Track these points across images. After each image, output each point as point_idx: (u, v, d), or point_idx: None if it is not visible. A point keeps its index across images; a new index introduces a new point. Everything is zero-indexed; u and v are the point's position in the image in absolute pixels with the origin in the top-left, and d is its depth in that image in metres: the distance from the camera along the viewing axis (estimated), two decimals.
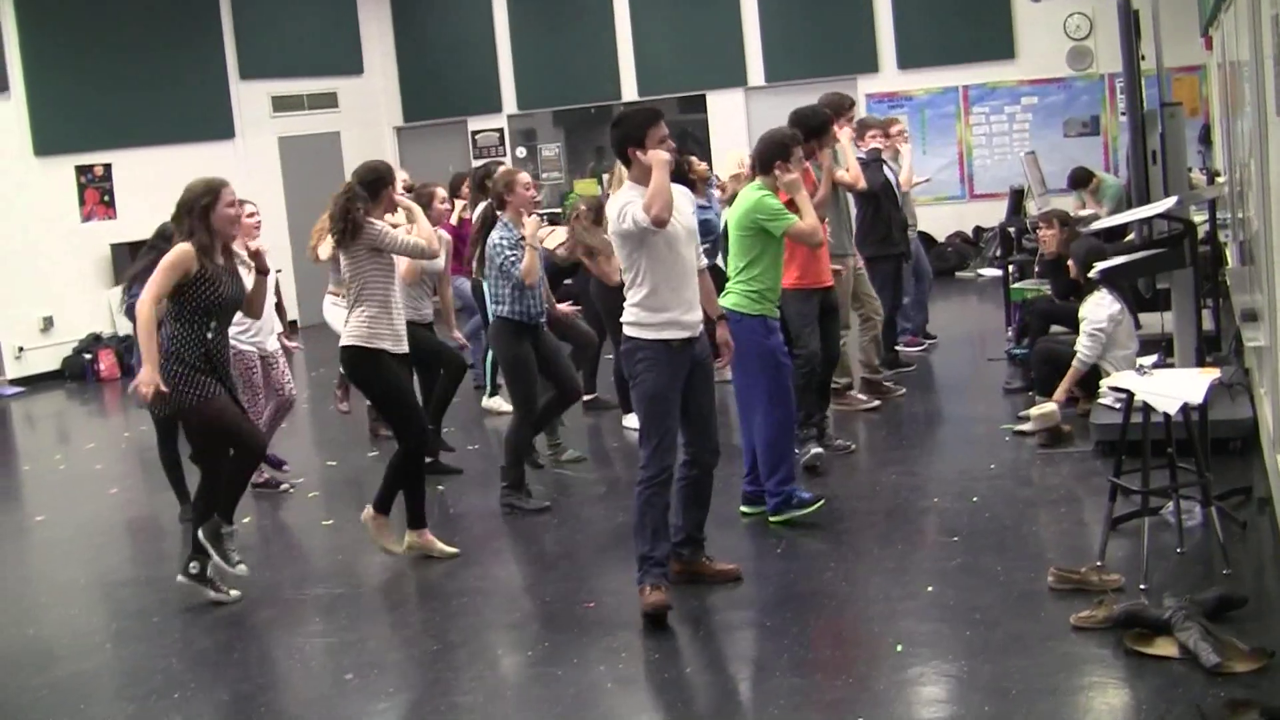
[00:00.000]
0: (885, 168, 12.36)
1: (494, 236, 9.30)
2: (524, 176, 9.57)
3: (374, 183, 8.44)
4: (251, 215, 10.11)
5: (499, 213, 9.41)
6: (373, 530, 8.57)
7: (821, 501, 8.46)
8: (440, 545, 8.60)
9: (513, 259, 9.10)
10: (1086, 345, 9.87)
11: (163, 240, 9.05)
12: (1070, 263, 10.46)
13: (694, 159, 11.52)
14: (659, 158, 6.91)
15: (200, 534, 8.04)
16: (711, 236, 10.73)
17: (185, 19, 19.50)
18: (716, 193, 12.10)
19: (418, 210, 9.06)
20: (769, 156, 8.46)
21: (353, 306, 8.39)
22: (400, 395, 8.54)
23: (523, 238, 9.22)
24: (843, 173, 10.64)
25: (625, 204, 6.96)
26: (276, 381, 10.38)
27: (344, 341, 8.45)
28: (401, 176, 11.05)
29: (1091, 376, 9.93)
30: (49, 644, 7.83)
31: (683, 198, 7.18)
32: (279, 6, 20.95)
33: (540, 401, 9.65)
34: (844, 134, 10.89)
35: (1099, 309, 9.89)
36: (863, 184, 11.03)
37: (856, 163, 11.04)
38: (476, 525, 9.41)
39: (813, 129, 9.50)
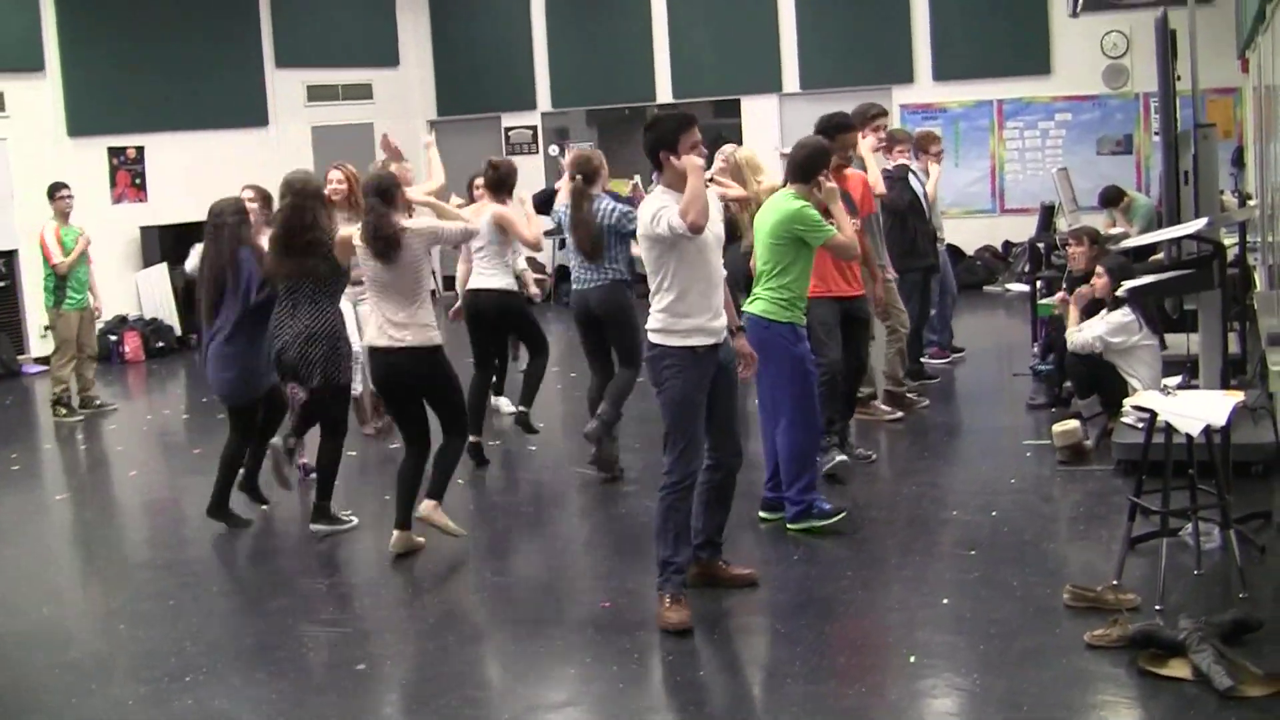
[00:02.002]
0: (914, 180, 12.37)
1: (609, 204, 9.80)
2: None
3: (386, 190, 8.36)
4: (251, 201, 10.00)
5: (589, 188, 9.82)
6: (437, 520, 8.57)
7: (843, 514, 8.43)
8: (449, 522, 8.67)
9: (630, 216, 9.55)
10: (1091, 334, 10.07)
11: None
12: (1098, 279, 10.45)
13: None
14: (693, 163, 6.86)
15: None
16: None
17: (223, 4, 19.58)
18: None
19: (439, 203, 9.33)
20: (812, 166, 8.34)
21: (417, 308, 8.32)
22: (460, 384, 8.75)
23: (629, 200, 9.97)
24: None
25: (660, 209, 6.90)
26: None
27: (424, 342, 8.33)
28: (404, 166, 11.12)
29: (1116, 393, 9.92)
30: (65, 624, 7.87)
31: (714, 204, 7.16)
32: None
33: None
34: (865, 142, 10.83)
35: (1119, 320, 9.99)
36: (881, 188, 10.95)
37: (877, 169, 11.00)
38: (497, 521, 9.42)
39: (825, 130, 9.47)
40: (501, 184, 10.55)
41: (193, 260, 9.94)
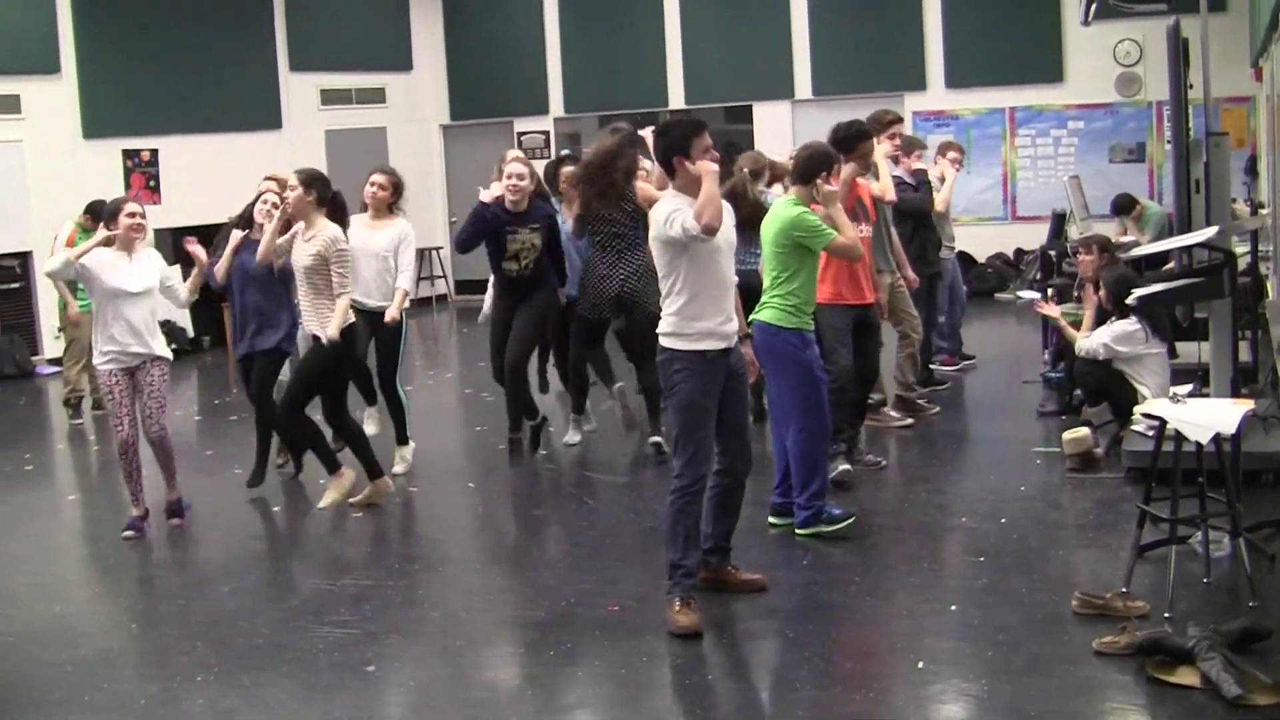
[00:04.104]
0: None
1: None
2: None
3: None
4: (131, 216, 9.57)
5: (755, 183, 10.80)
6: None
7: (851, 519, 8.44)
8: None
9: None
10: (1097, 341, 10.08)
11: None
12: (1099, 292, 10.44)
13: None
14: (708, 167, 6.91)
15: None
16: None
17: (238, 8, 19.65)
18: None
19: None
20: (812, 168, 8.37)
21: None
22: None
23: None
24: (873, 184, 10.54)
25: (673, 211, 6.94)
26: (145, 407, 9.40)
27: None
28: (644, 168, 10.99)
29: (1126, 401, 9.92)
30: (76, 621, 7.89)
31: (726, 209, 7.17)
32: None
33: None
34: (880, 149, 10.80)
35: (1124, 328, 9.98)
36: (891, 196, 10.82)
37: (889, 175, 10.96)
38: (506, 524, 9.44)
39: (843, 140, 9.49)
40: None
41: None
